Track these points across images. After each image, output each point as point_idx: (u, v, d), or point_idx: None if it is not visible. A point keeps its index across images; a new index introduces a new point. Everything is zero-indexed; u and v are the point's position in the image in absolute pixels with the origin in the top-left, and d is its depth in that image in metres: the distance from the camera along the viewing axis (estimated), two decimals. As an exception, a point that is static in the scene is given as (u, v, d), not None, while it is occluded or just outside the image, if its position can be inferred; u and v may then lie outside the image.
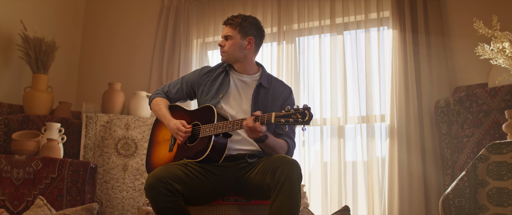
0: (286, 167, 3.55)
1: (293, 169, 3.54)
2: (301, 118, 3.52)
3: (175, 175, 3.71)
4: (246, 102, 4.17)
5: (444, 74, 5.84)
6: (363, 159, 6.04)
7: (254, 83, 4.23)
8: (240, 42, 4.19)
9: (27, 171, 5.63)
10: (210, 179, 3.88)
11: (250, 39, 4.22)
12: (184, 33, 7.24)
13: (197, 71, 4.50)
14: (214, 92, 4.22)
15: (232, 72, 4.31)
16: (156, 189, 3.61)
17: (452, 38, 5.95)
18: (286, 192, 3.50)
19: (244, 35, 4.21)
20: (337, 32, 6.45)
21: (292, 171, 3.53)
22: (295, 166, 3.56)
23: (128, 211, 6.15)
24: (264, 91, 4.20)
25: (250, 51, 4.26)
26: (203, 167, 3.89)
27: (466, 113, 5.18)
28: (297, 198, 3.52)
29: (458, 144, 5.22)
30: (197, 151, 3.95)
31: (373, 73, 6.22)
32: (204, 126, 3.99)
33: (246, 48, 4.21)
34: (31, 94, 6.52)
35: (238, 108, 4.16)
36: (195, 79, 4.42)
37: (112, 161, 6.26)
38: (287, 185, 3.51)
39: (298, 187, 3.53)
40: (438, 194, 5.51)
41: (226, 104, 4.17)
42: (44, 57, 6.61)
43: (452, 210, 4.15)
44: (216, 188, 3.93)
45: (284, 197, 3.49)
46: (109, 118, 6.41)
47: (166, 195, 3.63)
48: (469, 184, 4.14)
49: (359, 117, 6.15)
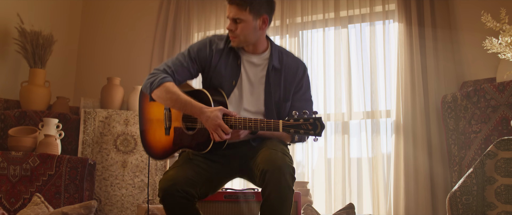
0: (274, 173, 3.38)
1: (281, 177, 3.37)
2: (312, 129, 3.38)
3: (189, 179, 3.60)
4: (259, 91, 3.92)
5: (451, 69, 5.83)
6: (368, 155, 6.04)
7: (265, 64, 3.93)
8: (253, 24, 3.77)
9: (24, 168, 5.63)
10: (216, 169, 3.80)
11: (264, 19, 3.82)
12: (185, 27, 7.23)
13: (205, 45, 4.00)
14: (227, 77, 3.92)
15: (241, 53, 3.95)
16: (172, 198, 3.52)
17: (459, 32, 5.94)
18: (273, 203, 3.40)
19: (257, 15, 3.77)
20: (341, 26, 6.45)
21: (279, 179, 3.36)
22: (283, 173, 3.38)
23: (128, 209, 6.15)
24: (276, 74, 3.91)
25: (264, 30, 3.89)
26: (207, 157, 3.79)
27: (473, 108, 5.17)
28: (285, 207, 3.46)
29: (466, 140, 5.21)
30: (199, 143, 3.77)
31: (378, 67, 6.22)
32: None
33: (261, 29, 3.83)
34: (28, 89, 6.52)
35: (251, 98, 3.92)
36: (206, 57, 3.96)
37: (111, 157, 6.26)
38: (275, 196, 3.39)
39: (286, 194, 3.40)
40: (445, 192, 5.51)
41: (239, 93, 3.91)
42: (41, 51, 6.60)
43: (459, 208, 4.14)
44: (222, 177, 3.88)
45: (271, 211, 3.41)
46: (108, 113, 6.41)
47: (183, 203, 3.55)
48: (477, 181, 4.13)
49: (364, 112, 6.14)
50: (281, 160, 3.44)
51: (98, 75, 7.56)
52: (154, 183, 6.27)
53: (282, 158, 3.46)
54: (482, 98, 5.10)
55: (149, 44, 7.51)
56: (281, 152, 3.53)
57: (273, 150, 3.55)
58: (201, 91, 3.82)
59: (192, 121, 3.83)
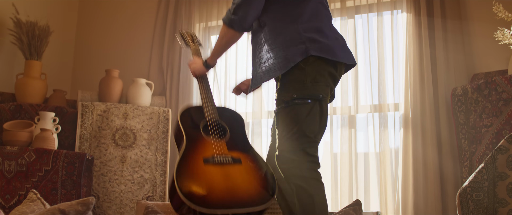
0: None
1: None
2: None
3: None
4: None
5: (461, 61, 5.82)
6: (375, 150, 6.04)
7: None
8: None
9: (19, 163, 5.63)
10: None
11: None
12: (186, 17, 7.23)
13: None
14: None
15: None
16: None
17: (470, 22, 5.93)
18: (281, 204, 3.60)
19: None
20: (348, 16, 6.44)
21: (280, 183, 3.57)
22: (287, 177, 3.55)
23: (127, 206, 6.16)
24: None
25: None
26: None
27: (484, 102, 5.17)
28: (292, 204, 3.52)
29: (476, 135, 5.20)
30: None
31: (386, 59, 6.21)
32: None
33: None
34: (23, 82, 6.51)
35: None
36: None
37: (109, 152, 6.26)
38: (280, 199, 3.63)
39: (291, 196, 3.52)
40: (455, 188, 5.51)
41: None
42: (37, 42, 6.60)
43: (469, 204, 4.14)
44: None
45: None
46: (106, 107, 6.41)
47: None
48: (488, 177, 4.12)
49: (371, 105, 6.14)
50: (282, 166, 3.64)
51: (96, 68, 7.57)
52: (154, 179, 6.27)
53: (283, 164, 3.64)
54: (493, 91, 5.09)
55: (149, 35, 7.51)
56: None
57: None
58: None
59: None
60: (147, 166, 6.30)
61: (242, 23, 3.84)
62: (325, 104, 3.63)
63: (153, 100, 6.87)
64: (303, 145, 3.54)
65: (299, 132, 3.55)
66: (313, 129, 3.57)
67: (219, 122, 4.18)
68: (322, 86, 3.59)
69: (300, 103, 3.54)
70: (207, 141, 4.03)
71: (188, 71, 6.97)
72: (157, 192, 6.27)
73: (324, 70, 3.60)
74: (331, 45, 3.67)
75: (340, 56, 3.68)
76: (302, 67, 3.57)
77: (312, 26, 3.70)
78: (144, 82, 6.74)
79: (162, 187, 6.30)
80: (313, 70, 3.57)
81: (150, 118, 6.45)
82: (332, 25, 3.91)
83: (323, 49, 3.61)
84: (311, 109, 3.56)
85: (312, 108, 3.55)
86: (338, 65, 3.70)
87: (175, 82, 7.03)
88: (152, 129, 6.43)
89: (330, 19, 3.91)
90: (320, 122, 3.60)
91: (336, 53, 3.64)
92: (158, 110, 6.52)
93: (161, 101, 6.95)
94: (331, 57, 3.60)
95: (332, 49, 3.65)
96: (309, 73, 3.56)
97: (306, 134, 3.55)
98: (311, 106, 3.55)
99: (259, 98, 6.57)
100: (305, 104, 3.54)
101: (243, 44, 6.82)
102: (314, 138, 3.59)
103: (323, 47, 3.61)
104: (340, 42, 3.80)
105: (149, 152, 6.36)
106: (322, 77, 3.59)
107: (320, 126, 3.60)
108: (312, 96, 3.55)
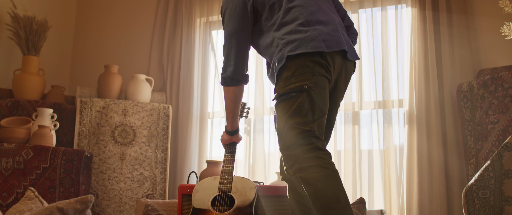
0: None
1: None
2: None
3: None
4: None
5: (467, 56, 5.82)
6: (379, 147, 6.03)
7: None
8: None
9: (16, 161, 5.63)
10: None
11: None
12: (187, 12, 7.22)
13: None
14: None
15: None
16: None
17: (476, 17, 5.92)
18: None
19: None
20: (351, 10, 6.43)
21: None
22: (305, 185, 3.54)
23: (126, 204, 6.16)
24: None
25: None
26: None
27: (491, 98, 5.16)
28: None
29: (482, 131, 5.20)
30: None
31: (390, 55, 6.20)
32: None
33: None
34: (21, 78, 6.50)
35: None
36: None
37: (108, 149, 6.26)
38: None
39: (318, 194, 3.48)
40: (460, 185, 5.50)
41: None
42: (35, 37, 6.59)
43: (475, 203, 4.14)
44: None
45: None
46: (105, 103, 6.41)
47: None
48: (494, 175, 4.12)
49: (375, 102, 6.14)
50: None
51: (95, 63, 7.57)
52: (154, 177, 6.27)
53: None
54: (499, 87, 5.08)
55: (149, 30, 7.51)
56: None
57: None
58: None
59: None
60: (147, 163, 6.30)
61: (235, 76, 3.99)
62: (316, 93, 3.60)
63: (153, 96, 6.87)
64: (295, 138, 3.53)
65: (287, 126, 3.56)
66: (302, 120, 3.56)
67: (229, 193, 4.24)
68: (308, 76, 3.58)
69: (285, 98, 3.57)
70: (211, 213, 4.13)
71: (188, 66, 6.97)
72: (157, 190, 6.28)
73: (306, 60, 3.59)
74: (309, 38, 3.66)
75: (320, 46, 3.66)
76: (286, 65, 3.62)
77: (285, 31, 3.73)
78: (144, 78, 6.73)
79: (162, 185, 6.31)
80: (294, 64, 3.60)
81: (150, 115, 6.45)
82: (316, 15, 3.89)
83: (301, 45, 3.61)
84: (296, 101, 3.55)
85: (296, 100, 3.55)
86: (326, 54, 3.68)
87: (175, 78, 7.02)
88: (152, 126, 6.43)
89: (311, 12, 3.89)
90: (312, 111, 3.59)
91: (314, 45, 3.64)
92: (158, 106, 6.52)
93: (161, 97, 6.94)
94: (309, 49, 3.61)
95: (310, 41, 3.65)
96: (291, 67, 3.59)
97: (294, 126, 3.54)
98: (296, 98, 3.55)
99: (261, 94, 6.57)
100: (290, 99, 3.56)
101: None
102: (306, 128, 3.57)
103: (300, 43, 3.61)
104: (322, 30, 3.78)
105: (149, 149, 6.36)
106: (306, 68, 3.58)
107: (313, 116, 3.59)
108: (296, 88, 3.56)
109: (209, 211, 4.15)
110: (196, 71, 6.98)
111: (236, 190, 4.24)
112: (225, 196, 4.21)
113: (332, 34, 3.74)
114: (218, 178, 4.37)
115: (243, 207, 4.16)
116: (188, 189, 4.54)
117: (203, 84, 6.99)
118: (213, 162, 5.53)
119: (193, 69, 6.97)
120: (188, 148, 6.71)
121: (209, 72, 7.05)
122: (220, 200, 4.19)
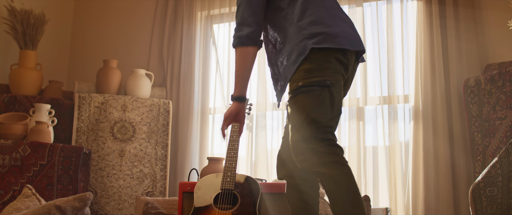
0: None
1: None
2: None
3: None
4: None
5: (474, 51, 5.81)
6: (384, 143, 6.03)
7: None
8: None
9: (13, 157, 5.63)
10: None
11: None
12: (187, 5, 7.22)
13: None
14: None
15: None
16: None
17: (483, 11, 5.91)
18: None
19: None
20: (356, 4, 6.42)
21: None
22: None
23: (125, 202, 6.16)
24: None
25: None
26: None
27: (498, 93, 5.16)
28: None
29: (490, 127, 5.20)
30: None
31: (395, 49, 6.20)
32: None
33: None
34: (18, 73, 6.50)
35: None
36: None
37: (107, 146, 6.26)
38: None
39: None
40: (467, 183, 5.50)
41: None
42: (32, 31, 6.59)
43: (483, 200, 4.14)
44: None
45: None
46: (104, 99, 6.41)
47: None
48: (502, 172, 4.12)
49: (380, 97, 6.13)
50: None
51: (93, 58, 7.56)
52: (154, 174, 6.28)
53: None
54: (507, 82, 5.08)
55: (149, 24, 7.51)
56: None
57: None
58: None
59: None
60: (146, 160, 6.31)
61: (252, 35, 3.83)
62: (335, 91, 3.60)
63: (153, 91, 6.87)
64: (315, 132, 3.51)
65: (308, 119, 3.52)
66: (323, 115, 3.56)
67: (232, 191, 4.23)
68: (330, 72, 3.58)
69: (306, 90, 3.53)
70: (213, 211, 4.12)
71: (189, 61, 6.97)
72: (157, 188, 6.28)
73: (330, 56, 3.59)
74: (334, 34, 3.66)
75: (345, 43, 3.67)
76: (309, 57, 3.57)
77: (307, 22, 3.70)
78: (144, 73, 6.73)
79: (162, 182, 6.31)
80: (319, 58, 3.57)
81: (150, 110, 6.45)
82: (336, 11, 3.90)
83: (326, 39, 3.61)
84: (319, 95, 3.54)
85: (320, 94, 3.54)
86: (348, 52, 3.69)
87: (176, 72, 7.02)
88: (152, 122, 6.43)
89: (331, 8, 3.89)
90: (331, 108, 3.58)
91: (340, 41, 3.64)
92: (158, 102, 6.51)
93: (161, 92, 6.94)
94: (335, 45, 3.61)
95: (336, 37, 3.65)
96: (315, 61, 3.56)
97: (316, 120, 3.52)
98: (319, 93, 3.53)
99: (264, 90, 6.57)
100: (311, 92, 3.53)
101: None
102: (326, 123, 3.57)
103: (325, 37, 3.61)
104: (345, 28, 3.79)
105: (149, 145, 6.36)
106: (329, 63, 3.58)
107: (332, 113, 3.59)
108: (319, 82, 3.54)
109: (212, 209, 4.15)
110: (197, 66, 6.98)
111: (239, 187, 4.24)
112: (228, 194, 4.20)
113: (353, 34, 3.79)
114: (220, 175, 4.36)
115: (246, 205, 4.16)
116: (189, 187, 4.54)
117: (204, 79, 6.98)
118: (214, 158, 5.53)
119: (194, 64, 6.97)
120: (188, 145, 6.71)
121: (210, 67, 7.05)
122: (222, 198, 4.19)
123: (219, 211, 4.10)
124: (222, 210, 4.09)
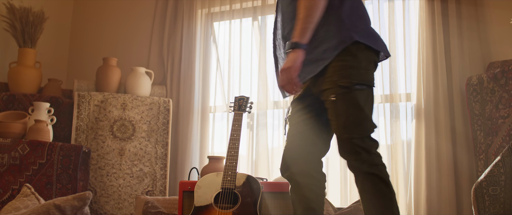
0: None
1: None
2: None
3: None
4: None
5: (476, 49, 5.81)
6: (386, 142, 6.03)
7: None
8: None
9: (12, 156, 5.63)
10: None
11: None
12: (188, 2, 7.21)
13: None
14: None
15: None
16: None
17: (486, 9, 5.91)
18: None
19: None
20: (357, 1, 6.42)
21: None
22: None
23: (125, 201, 6.16)
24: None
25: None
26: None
27: (501, 91, 5.15)
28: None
29: (493, 126, 5.19)
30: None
31: (397, 47, 6.19)
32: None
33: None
34: (17, 71, 6.50)
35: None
36: None
37: (107, 144, 6.26)
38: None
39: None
40: (470, 182, 5.50)
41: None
42: (31, 29, 6.59)
43: (485, 199, 4.13)
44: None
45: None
46: (103, 97, 6.41)
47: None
48: (505, 171, 4.11)
49: (382, 95, 6.13)
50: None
51: (93, 56, 7.56)
52: (154, 173, 6.27)
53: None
54: (510, 80, 5.08)
55: (149, 21, 7.50)
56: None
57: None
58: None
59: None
60: (146, 159, 6.30)
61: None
62: (373, 93, 3.63)
63: (153, 90, 6.87)
64: (370, 131, 3.52)
65: (365, 118, 3.52)
66: (371, 115, 3.57)
67: (232, 190, 4.23)
68: (371, 74, 3.63)
69: (359, 89, 3.52)
70: (213, 210, 4.12)
71: (189, 59, 6.96)
72: (157, 187, 6.28)
73: (371, 58, 3.63)
74: (373, 34, 3.69)
75: (384, 48, 3.70)
76: (355, 54, 3.56)
77: (352, 13, 3.70)
78: (144, 71, 6.73)
79: (163, 181, 6.30)
80: (364, 58, 3.60)
81: (150, 109, 6.45)
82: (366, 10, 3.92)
83: (371, 38, 3.64)
84: (369, 95, 3.57)
85: (368, 94, 3.56)
86: (379, 55, 3.71)
87: (176, 71, 7.02)
88: (152, 120, 6.43)
89: (363, 6, 3.91)
90: (372, 109, 3.60)
91: (377, 43, 3.66)
92: (158, 100, 6.51)
93: (161, 91, 6.94)
94: (375, 46, 3.62)
95: (375, 38, 3.67)
96: (362, 60, 3.58)
97: (369, 119, 3.53)
98: (368, 93, 3.55)
99: (264, 88, 6.56)
100: (363, 90, 3.53)
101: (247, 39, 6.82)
102: (375, 125, 3.58)
103: (370, 36, 3.65)
104: (377, 33, 3.81)
105: (149, 144, 6.36)
106: (371, 65, 3.63)
107: (371, 114, 3.60)
108: (367, 82, 3.56)
109: (212, 208, 4.15)
110: (198, 64, 6.97)
111: (240, 186, 4.24)
112: (229, 193, 4.20)
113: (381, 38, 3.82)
114: (221, 174, 4.36)
115: (247, 204, 4.16)
116: (189, 186, 4.54)
117: (204, 77, 6.98)
118: (215, 157, 5.53)
119: (194, 62, 6.96)
120: (189, 143, 6.70)
121: (210, 65, 7.04)
122: (223, 197, 4.19)
123: (219, 210, 4.10)
124: (222, 209, 4.10)
